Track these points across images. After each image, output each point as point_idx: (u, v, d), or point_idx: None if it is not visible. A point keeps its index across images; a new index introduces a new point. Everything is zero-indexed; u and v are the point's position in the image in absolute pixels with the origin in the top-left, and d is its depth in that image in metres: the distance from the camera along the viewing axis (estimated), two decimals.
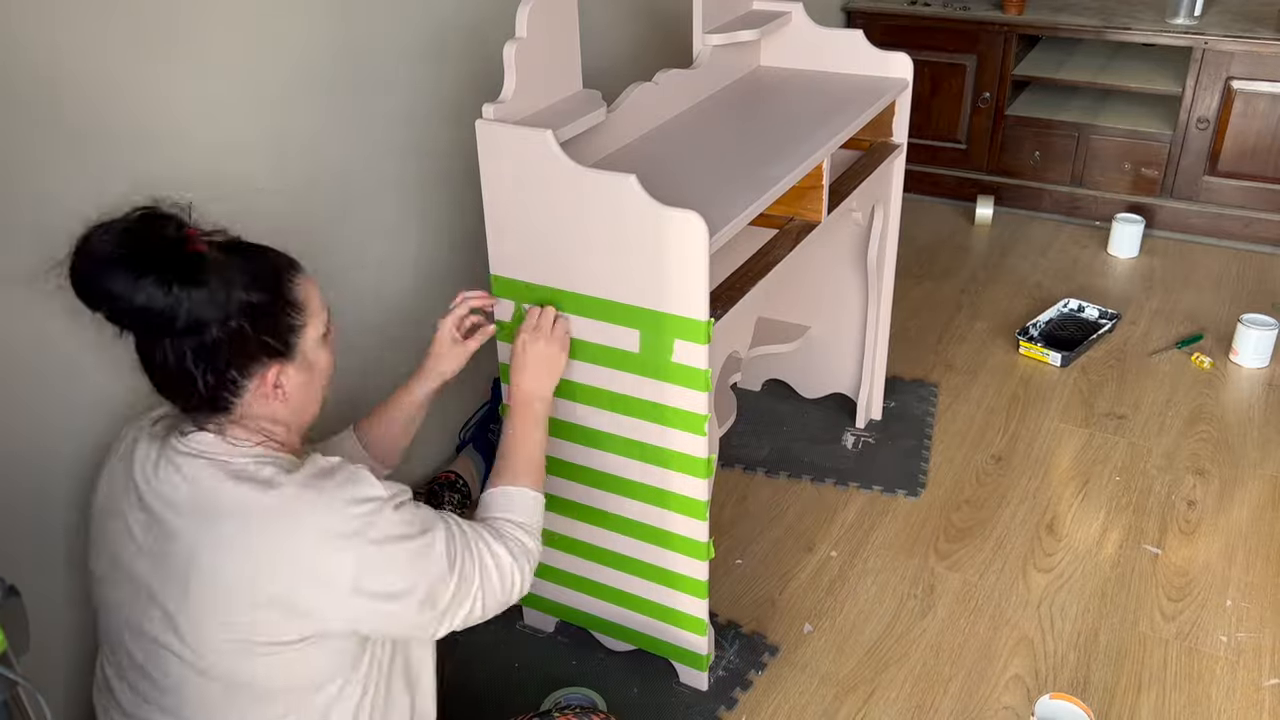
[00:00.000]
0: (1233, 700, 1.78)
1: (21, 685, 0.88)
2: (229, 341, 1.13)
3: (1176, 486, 2.29)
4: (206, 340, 1.11)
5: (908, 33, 3.56)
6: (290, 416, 1.23)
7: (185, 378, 1.14)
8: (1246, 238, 3.34)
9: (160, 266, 1.07)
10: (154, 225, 1.09)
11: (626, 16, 2.48)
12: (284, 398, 1.20)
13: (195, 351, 1.12)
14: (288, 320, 1.19)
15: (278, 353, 1.18)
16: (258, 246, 1.20)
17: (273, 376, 1.18)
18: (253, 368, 1.17)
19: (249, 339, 1.14)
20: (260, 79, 1.59)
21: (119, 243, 1.06)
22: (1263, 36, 3.12)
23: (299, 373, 1.21)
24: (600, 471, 1.68)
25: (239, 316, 1.12)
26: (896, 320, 2.82)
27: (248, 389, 1.17)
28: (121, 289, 1.06)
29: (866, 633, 1.92)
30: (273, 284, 1.17)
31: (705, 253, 1.42)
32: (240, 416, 1.19)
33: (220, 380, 1.15)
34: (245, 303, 1.13)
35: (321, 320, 1.24)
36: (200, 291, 1.08)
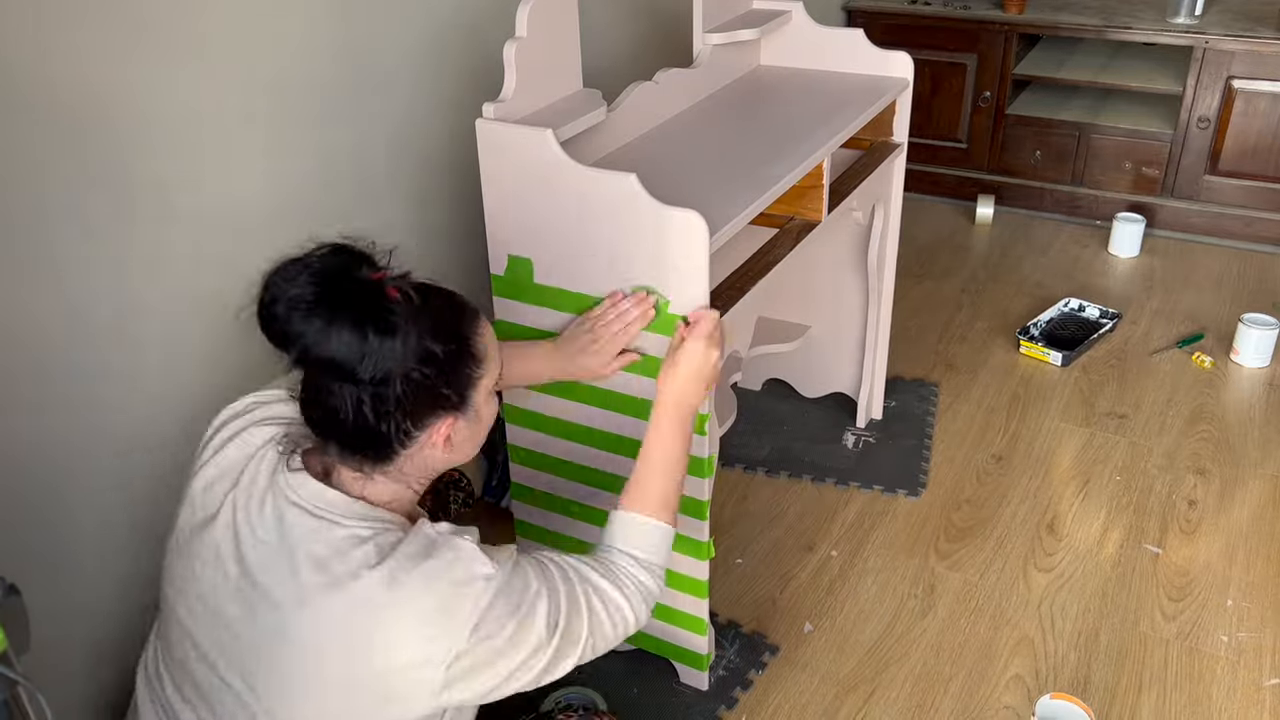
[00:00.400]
0: (1233, 700, 1.77)
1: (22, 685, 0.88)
2: (410, 393, 1.08)
3: (1177, 486, 2.29)
4: (389, 391, 1.07)
5: (908, 32, 3.56)
6: (444, 467, 1.19)
7: (358, 428, 1.09)
8: (1247, 237, 3.34)
9: (357, 313, 1.03)
10: (348, 267, 1.05)
11: (626, 16, 2.48)
12: (449, 449, 1.16)
13: (374, 400, 1.08)
14: (468, 372, 1.14)
15: (453, 405, 1.14)
16: (445, 292, 1.16)
17: (445, 429, 1.14)
18: (427, 420, 1.12)
19: (429, 391, 1.10)
20: (260, 79, 1.59)
21: (315, 284, 1.02)
22: (1263, 36, 3.12)
23: (468, 426, 1.17)
24: (600, 471, 1.68)
25: (423, 367, 1.08)
26: (897, 320, 2.81)
27: (417, 441, 1.13)
28: (316, 335, 1.02)
29: (867, 632, 1.92)
30: (459, 334, 1.13)
31: (706, 252, 1.41)
32: (398, 468, 1.14)
33: (394, 430, 1.10)
34: (431, 353, 1.08)
35: (496, 369, 1.20)
36: (392, 341, 1.04)
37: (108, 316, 1.43)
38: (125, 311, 1.45)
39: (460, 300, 1.17)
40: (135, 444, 1.50)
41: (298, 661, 1.08)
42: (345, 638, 1.07)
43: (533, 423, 1.71)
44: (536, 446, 1.73)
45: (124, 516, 1.52)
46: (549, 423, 1.69)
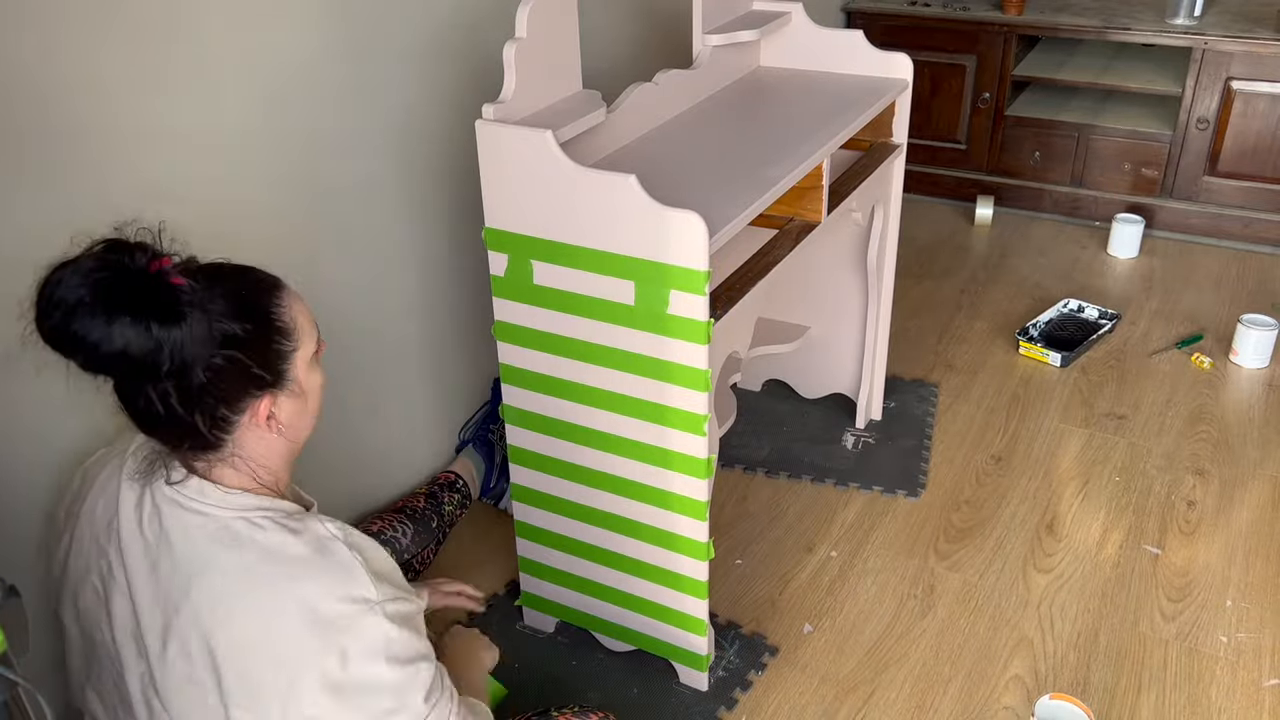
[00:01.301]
0: (1233, 700, 1.78)
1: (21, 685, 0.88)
2: (216, 379, 1.05)
3: (1176, 487, 2.29)
4: (192, 381, 1.04)
5: (908, 33, 3.56)
6: (284, 446, 1.17)
7: (172, 420, 1.07)
8: (1246, 238, 3.34)
9: (134, 306, 0.98)
10: (122, 259, 1.00)
11: (626, 16, 2.48)
12: (278, 428, 1.14)
13: (180, 393, 1.05)
14: (276, 348, 1.11)
15: (268, 383, 1.11)
16: (237, 268, 1.12)
17: (265, 408, 1.12)
18: (243, 402, 1.10)
19: (237, 373, 1.07)
20: (260, 79, 1.59)
21: (86, 284, 0.97)
22: (1262, 37, 3.12)
23: (291, 400, 1.14)
24: (600, 471, 1.68)
25: (224, 351, 1.05)
26: (896, 320, 2.82)
27: (239, 424, 1.11)
28: (96, 336, 0.97)
29: (866, 633, 1.92)
30: (258, 311, 1.10)
31: (705, 253, 1.42)
32: (231, 454, 1.12)
33: (210, 420, 1.08)
34: (230, 335, 1.05)
35: (312, 340, 1.17)
36: (180, 329, 1.00)
37: None
38: None
39: (257, 275, 1.13)
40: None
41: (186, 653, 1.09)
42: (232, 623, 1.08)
43: (533, 423, 1.71)
44: (536, 447, 1.73)
45: None
46: (549, 423, 1.69)
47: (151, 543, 1.11)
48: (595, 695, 1.79)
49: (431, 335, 2.09)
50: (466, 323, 2.17)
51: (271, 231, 1.69)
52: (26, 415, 1.36)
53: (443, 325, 2.11)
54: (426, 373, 2.11)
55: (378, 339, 1.96)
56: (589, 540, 1.77)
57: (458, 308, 2.14)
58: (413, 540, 1.90)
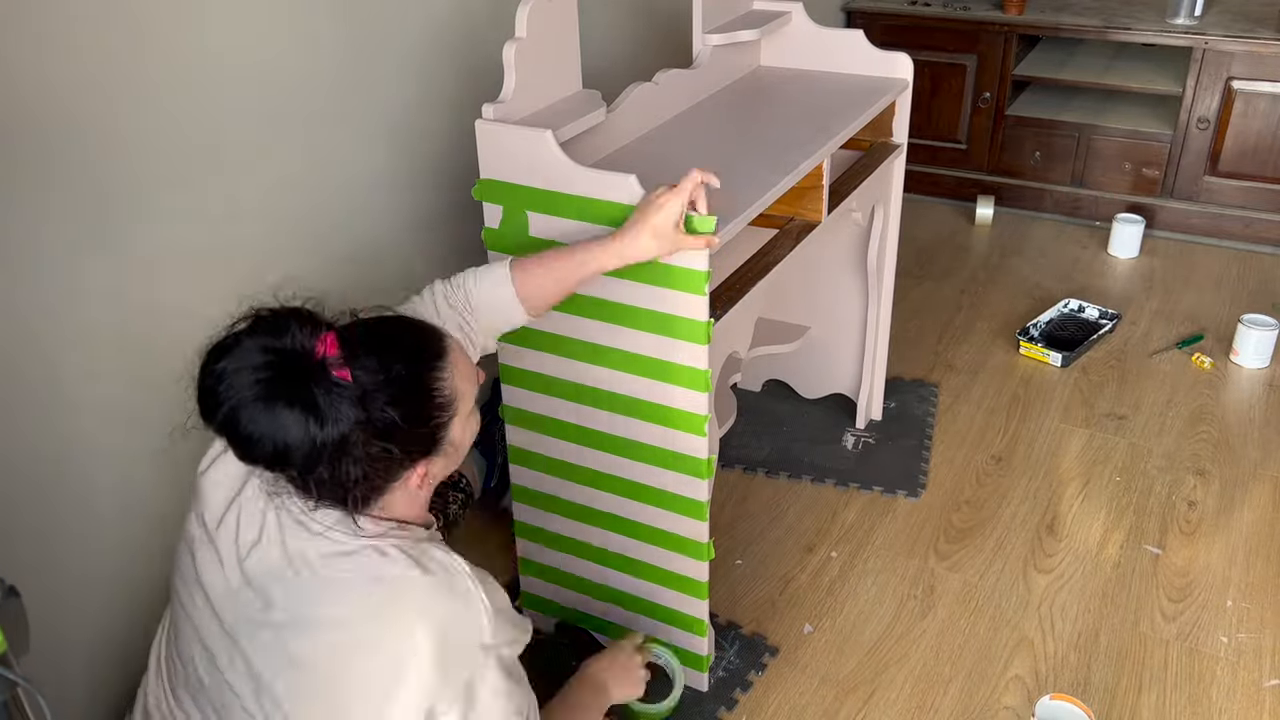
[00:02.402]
0: (1233, 701, 1.77)
1: (22, 686, 0.88)
2: (371, 466, 1.05)
3: (1177, 487, 2.29)
4: (348, 471, 1.03)
5: (908, 33, 3.56)
6: (429, 493, 1.17)
7: (326, 495, 1.07)
8: (1247, 238, 3.34)
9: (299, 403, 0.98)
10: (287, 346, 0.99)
11: (626, 16, 2.48)
12: (429, 487, 1.14)
13: (332, 476, 1.04)
14: (436, 420, 1.10)
15: (424, 454, 1.11)
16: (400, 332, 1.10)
17: (419, 475, 1.12)
18: (397, 475, 1.10)
19: (392, 458, 1.06)
20: (260, 79, 1.59)
21: (254, 382, 0.98)
22: (1263, 36, 3.12)
23: (444, 459, 1.14)
24: (600, 472, 1.68)
25: (383, 441, 1.04)
26: (896, 320, 2.81)
27: (392, 491, 1.11)
28: (260, 433, 0.98)
29: (866, 633, 1.92)
30: (417, 390, 1.07)
31: (705, 253, 1.41)
32: (379, 509, 1.12)
33: (364, 496, 1.08)
34: (390, 422, 1.03)
35: (471, 395, 1.14)
36: (338, 429, 0.99)
37: (108, 322, 1.42)
38: (125, 319, 1.45)
39: (420, 342, 1.11)
40: (136, 443, 1.50)
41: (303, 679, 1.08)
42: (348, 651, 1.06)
43: (533, 423, 1.71)
44: (536, 447, 1.73)
45: (121, 517, 1.51)
46: (549, 423, 1.69)
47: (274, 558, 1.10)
48: None
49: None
50: None
51: (270, 233, 1.68)
52: (26, 414, 1.36)
53: None
54: None
55: None
56: (589, 540, 1.77)
57: None
58: None
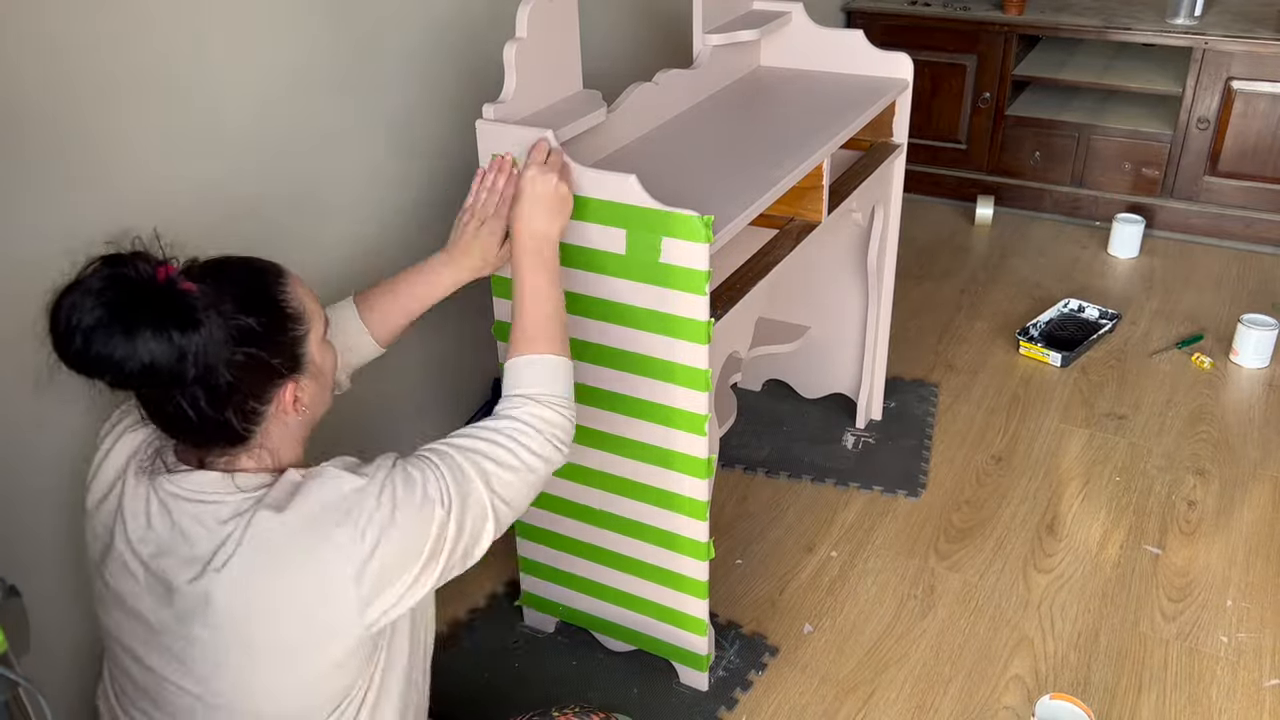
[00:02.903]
0: (1233, 701, 1.77)
1: (22, 685, 0.88)
2: (241, 375, 1.07)
3: (1177, 487, 2.29)
4: (219, 381, 1.05)
5: (908, 33, 3.56)
6: (304, 426, 1.19)
7: (203, 423, 1.08)
8: (1247, 238, 3.34)
9: (152, 318, 0.99)
10: (127, 273, 1.01)
11: (626, 16, 2.48)
12: (302, 411, 1.16)
13: (209, 395, 1.06)
14: (291, 334, 1.13)
15: (289, 370, 1.13)
16: (239, 261, 1.14)
17: (290, 394, 1.13)
18: (269, 392, 1.12)
19: (259, 366, 1.09)
20: (260, 79, 1.59)
21: (100, 304, 0.98)
22: (1263, 36, 3.12)
23: (312, 381, 1.17)
24: (601, 472, 1.68)
25: (244, 347, 1.06)
26: (896, 320, 2.82)
27: (267, 414, 1.12)
28: (121, 354, 0.99)
29: (866, 633, 1.92)
30: (267, 301, 1.11)
31: (705, 253, 1.41)
32: (258, 443, 1.14)
33: (241, 415, 1.09)
34: (246, 330, 1.07)
35: (320, 319, 1.19)
36: (200, 333, 1.01)
37: None
38: None
39: (258, 264, 1.15)
40: None
41: (224, 642, 1.09)
42: (254, 599, 1.08)
43: None
44: None
45: None
46: None
47: (164, 535, 1.11)
48: (595, 695, 1.79)
49: (431, 335, 2.09)
50: (466, 323, 2.17)
51: (270, 233, 1.68)
52: (27, 414, 1.36)
53: (442, 325, 2.11)
54: (426, 373, 2.11)
55: None
56: (589, 540, 1.77)
57: (457, 307, 2.13)
58: None
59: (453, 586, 2.01)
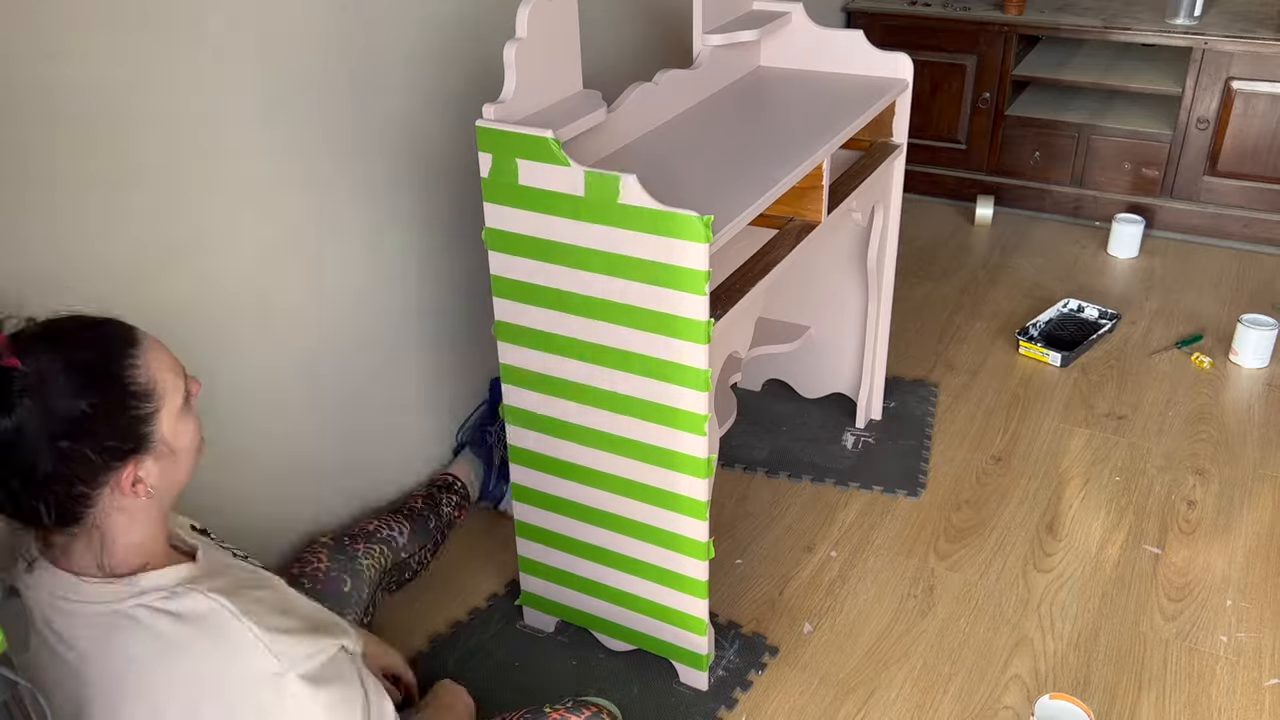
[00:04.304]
0: (1233, 700, 1.78)
1: (22, 685, 0.88)
2: (64, 464, 0.96)
3: (1177, 486, 2.29)
4: (37, 470, 0.95)
5: (908, 33, 3.56)
6: (155, 507, 1.07)
7: (24, 507, 0.98)
8: (1246, 238, 3.34)
9: None
10: None
11: (626, 16, 2.48)
12: (147, 493, 1.04)
13: (25, 484, 0.96)
14: (134, 414, 1.01)
15: (129, 452, 1.01)
16: (81, 327, 1.01)
17: (128, 477, 1.02)
18: (102, 477, 1.00)
19: (87, 454, 0.97)
20: (260, 79, 1.59)
21: None
22: (1263, 36, 3.12)
23: (159, 461, 1.04)
24: (600, 471, 1.68)
25: (70, 436, 0.95)
26: (896, 320, 2.82)
27: (101, 498, 1.01)
28: None
29: (866, 633, 1.92)
30: (107, 379, 0.99)
31: (705, 253, 1.42)
32: (96, 524, 1.03)
33: (63, 502, 0.99)
34: (74, 415, 0.95)
35: (178, 392, 1.05)
36: (12, 418, 0.92)
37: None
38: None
39: (104, 332, 1.02)
40: None
41: None
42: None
43: (533, 423, 1.71)
44: (537, 446, 1.73)
45: None
46: (549, 423, 1.69)
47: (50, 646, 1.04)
48: (595, 695, 1.79)
49: (430, 335, 2.09)
50: (465, 323, 2.17)
51: (269, 234, 1.69)
52: None
53: (441, 325, 2.11)
54: (425, 373, 2.11)
55: (376, 339, 1.96)
56: (589, 540, 1.77)
57: (456, 307, 2.14)
58: (409, 539, 1.90)
59: (453, 586, 2.01)
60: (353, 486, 2.00)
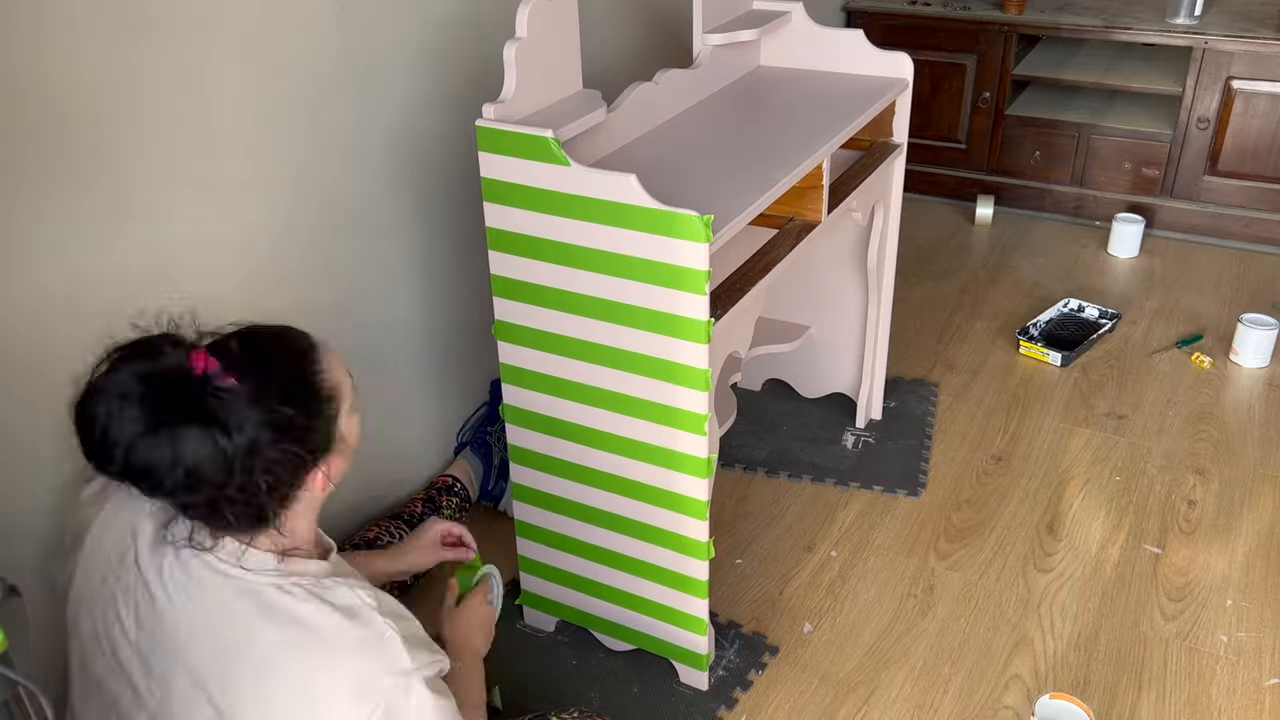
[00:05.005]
0: (1233, 700, 1.78)
1: (22, 685, 0.88)
2: (281, 469, 1.04)
3: (1177, 486, 2.29)
4: (254, 477, 1.02)
5: (908, 32, 3.56)
6: (326, 500, 1.16)
7: (239, 514, 1.04)
8: (1246, 237, 3.34)
9: (196, 422, 0.96)
10: (163, 370, 0.97)
11: (626, 16, 2.48)
12: (329, 485, 1.13)
13: (242, 490, 1.02)
14: (326, 415, 1.09)
15: (324, 453, 1.10)
16: (272, 338, 1.09)
17: (322, 477, 1.11)
18: (302, 479, 1.09)
19: (296, 456, 1.06)
20: (260, 79, 1.59)
21: (140, 412, 0.95)
22: (1263, 36, 3.12)
23: (342, 458, 1.14)
24: (600, 471, 1.68)
25: (282, 442, 1.03)
26: (896, 320, 2.82)
27: (299, 499, 1.10)
28: (165, 461, 0.96)
29: (866, 633, 1.92)
30: (306, 386, 1.07)
31: (705, 252, 1.42)
32: (284, 525, 1.11)
33: (274, 502, 1.07)
34: (287, 423, 1.03)
35: (349, 388, 1.14)
36: (245, 433, 0.99)
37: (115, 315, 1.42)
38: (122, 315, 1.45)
39: (293, 342, 1.10)
40: None
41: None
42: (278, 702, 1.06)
43: (533, 423, 1.71)
44: (537, 446, 1.73)
45: None
46: (549, 423, 1.69)
47: (173, 597, 1.08)
48: (595, 695, 1.79)
49: (430, 335, 2.09)
50: (465, 323, 2.17)
51: (269, 233, 1.69)
52: (27, 415, 1.36)
53: (441, 326, 2.11)
54: (425, 374, 2.11)
55: (375, 339, 1.96)
56: (589, 540, 1.77)
57: (456, 308, 2.14)
58: None
59: None
60: (352, 490, 1.99)
